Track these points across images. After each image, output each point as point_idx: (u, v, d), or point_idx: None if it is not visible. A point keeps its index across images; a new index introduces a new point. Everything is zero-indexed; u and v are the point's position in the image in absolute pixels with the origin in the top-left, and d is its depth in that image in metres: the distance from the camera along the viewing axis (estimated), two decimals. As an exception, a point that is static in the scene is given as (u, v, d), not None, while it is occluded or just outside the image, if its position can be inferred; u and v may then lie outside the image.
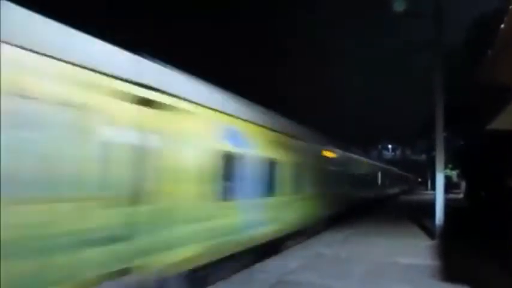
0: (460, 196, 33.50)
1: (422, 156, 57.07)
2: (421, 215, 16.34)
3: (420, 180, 72.95)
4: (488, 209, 16.84)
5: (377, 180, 25.65)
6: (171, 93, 4.82)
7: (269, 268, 6.97)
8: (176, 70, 5.48)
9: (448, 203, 12.03)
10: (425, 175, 63.45)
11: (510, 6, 3.97)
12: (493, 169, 16.16)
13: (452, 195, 33.45)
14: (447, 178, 21.99)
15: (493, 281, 6.34)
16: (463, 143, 22.01)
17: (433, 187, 12.69)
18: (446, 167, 16.32)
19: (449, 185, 32.97)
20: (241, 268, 6.71)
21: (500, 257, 7.91)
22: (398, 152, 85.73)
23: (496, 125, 7.75)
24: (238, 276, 6.34)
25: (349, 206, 15.59)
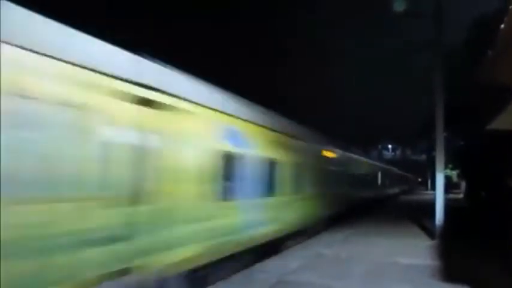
0: (460, 196, 33.49)
1: (422, 156, 57.09)
2: (421, 215, 16.33)
3: (420, 180, 72.96)
4: (488, 209, 16.84)
5: (377, 180, 25.65)
6: (171, 93, 4.82)
7: (269, 268, 6.97)
8: (176, 70, 5.49)
9: (448, 203, 12.02)
10: (425, 175, 63.45)
11: (510, 6, 3.98)
12: (493, 169, 16.17)
13: (452, 195, 33.44)
14: (447, 178, 21.98)
15: (493, 281, 6.33)
16: (463, 143, 22.02)
17: (433, 187, 12.70)
18: (446, 167, 16.31)
19: (449, 185, 32.96)
20: (241, 268, 6.72)
21: (500, 257, 7.91)
22: (398, 152, 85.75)
23: (496, 125, 7.76)
24: (238, 276, 6.34)
25: (349, 206, 15.59)
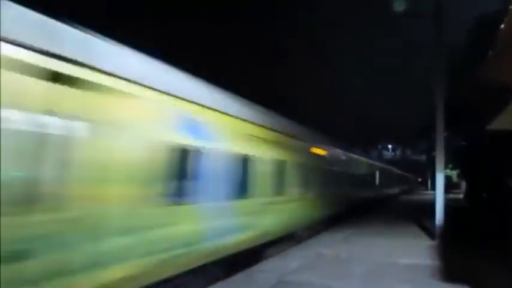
0: (460, 196, 33.47)
1: (422, 156, 57.12)
2: (421, 215, 16.32)
3: (420, 180, 72.96)
4: (488, 209, 16.84)
5: (377, 180, 25.63)
6: (102, 70, 3.90)
7: (269, 268, 6.97)
8: (117, 43, 4.51)
9: (448, 203, 12.01)
10: (425, 175, 63.43)
11: (510, 7, 3.98)
12: (493, 169, 16.17)
13: (452, 195, 33.41)
14: (447, 178, 21.93)
15: (493, 281, 6.33)
16: (463, 143, 22.02)
17: (433, 187, 12.69)
18: (446, 167, 16.30)
19: (449, 185, 32.91)
20: (208, 283, 5.77)
21: (500, 257, 7.91)
22: (398, 152, 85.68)
23: (496, 125, 7.77)
24: (238, 276, 6.33)
25: (348, 206, 15.51)
